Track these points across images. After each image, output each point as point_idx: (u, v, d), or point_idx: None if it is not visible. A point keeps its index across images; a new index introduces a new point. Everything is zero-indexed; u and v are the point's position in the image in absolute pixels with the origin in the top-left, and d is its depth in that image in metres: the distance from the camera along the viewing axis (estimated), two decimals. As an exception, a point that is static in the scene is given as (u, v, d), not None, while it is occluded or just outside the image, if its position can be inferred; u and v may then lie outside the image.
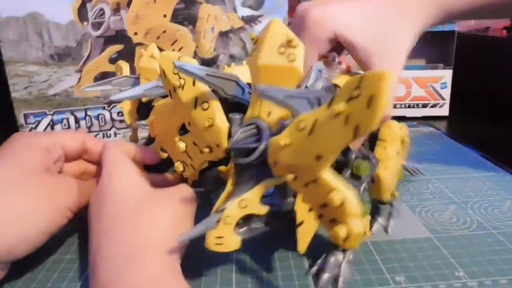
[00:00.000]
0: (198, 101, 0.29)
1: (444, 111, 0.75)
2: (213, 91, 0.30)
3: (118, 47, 0.60)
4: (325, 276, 0.29)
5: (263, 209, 0.27)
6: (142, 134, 0.66)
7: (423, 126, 0.70)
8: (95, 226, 0.29)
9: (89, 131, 0.63)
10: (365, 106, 0.18)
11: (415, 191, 0.46)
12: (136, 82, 0.45)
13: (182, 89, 0.30)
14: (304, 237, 0.26)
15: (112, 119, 0.63)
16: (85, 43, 0.59)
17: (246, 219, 0.27)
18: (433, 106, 0.75)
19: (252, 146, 0.26)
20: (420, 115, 0.75)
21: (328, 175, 0.23)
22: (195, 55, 0.64)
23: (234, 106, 0.30)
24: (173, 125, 0.35)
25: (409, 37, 0.35)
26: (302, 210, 0.26)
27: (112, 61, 0.61)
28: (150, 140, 0.44)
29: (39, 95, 0.59)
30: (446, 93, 0.74)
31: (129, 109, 0.45)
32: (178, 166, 0.34)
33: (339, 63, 0.36)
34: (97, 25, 0.58)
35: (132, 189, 0.30)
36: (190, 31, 0.63)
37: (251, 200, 0.26)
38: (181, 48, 0.63)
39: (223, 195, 0.28)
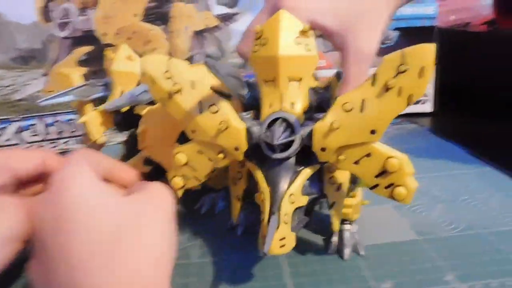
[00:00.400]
0: (203, 105, 0.27)
1: (427, 107, 0.74)
2: (217, 92, 0.28)
3: (87, 48, 0.57)
4: (347, 249, 0.34)
5: (305, 200, 0.28)
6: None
7: (407, 123, 0.68)
8: (54, 253, 0.22)
9: (60, 138, 0.59)
10: (417, 77, 0.23)
11: (400, 190, 0.44)
12: (106, 88, 0.41)
13: (181, 95, 0.27)
14: (337, 216, 0.30)
15: (84, 125, 0.60)
16: (51, 45, 0.56)
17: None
18: (416, 103, 0.73)
19: (291, 139, 0.26)
20: (403, 112, 0.74)
21: (380, 146, 0.26)
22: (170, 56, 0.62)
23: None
24: (170, 135, 0.32)
25: (382, 16, 0.33)
26: (332, 192, 0.29)
27: (82, 63, 0.58)
28: (129, 154, 0.40)
29: (3, 100, 0.56)
30: (429, 89, 0.73)
31: (101, 121, 0.39)
32: (177, 181, 0.30)
33: None
34: (63, 26, 0.55)
35: (101, 207, 0.23)
36: (163, 30, 0.60)
37: (297, 194, 0.27)
38: (154, 48, 0.60)
39: (260, 199, 0.27)
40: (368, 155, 0.26)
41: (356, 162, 0.26)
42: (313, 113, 0.28)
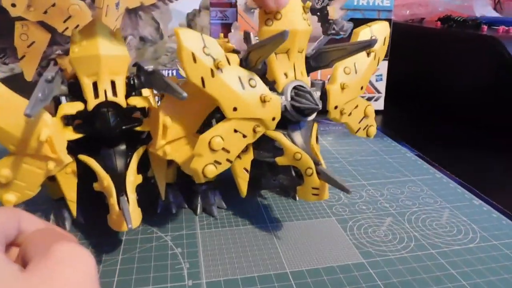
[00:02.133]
0: (243, 80, 0.27)
1: (380, 105, 0.70)
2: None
3: (-10, 21, 0.48)
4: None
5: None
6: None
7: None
8: None
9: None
10: (382, 44, 0.35)
11: (348, 201, 0.40)
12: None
13: (221, 71, 0.26)
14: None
15: None
16: None
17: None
18: (368, 99, 0.70)
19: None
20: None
21: (360, 98, 0.35)
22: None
23: None
24: (194, 123, 0.30)
25: None
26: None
27: (-17, 39, 0.48)
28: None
29: None
30: (382, 85, 0.70)
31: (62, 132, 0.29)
32: (211, 169, 0.28)
33: None
34: (-42, -8, 0.45)
35: None
36: (88, 6, 0.51)
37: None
38: (77, 26, 0.51)
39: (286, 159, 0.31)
40: (356, 106, 0.34)
41: (349, 114, 0.34)
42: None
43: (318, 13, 0.63)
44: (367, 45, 0.28)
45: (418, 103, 0.74)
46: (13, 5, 0.48)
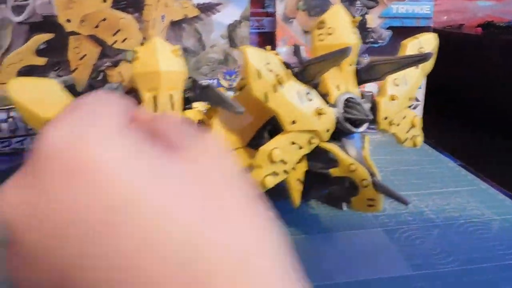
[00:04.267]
0: (301, 94, 0.28)
1: (418, 113, 0.70)
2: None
3: (47, 36, 0.50)
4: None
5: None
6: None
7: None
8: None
9: (14, 136, 0.53)
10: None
11: (392, 211, 0.40)
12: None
13: (282, 87, 0.27)
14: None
15: (44, 121, 0.54)
16: (4, 31, 0.49)
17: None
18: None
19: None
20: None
21: (407, 109, 0.36)
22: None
23: None
24: (246, 136, 0.31)
25: None
26: None
27: (40, 52, 0.51)
28: None
29: None
30: (420, 93, 0.69)
31: None
32: (270, 180, 0.29)
33: None
34: (18, 9, 0.48)
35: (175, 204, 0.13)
36: (136, 19, 0.54)
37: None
38: (125, 39, 0.54)
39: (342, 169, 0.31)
40: (404, 117, 0.35)
41: (398, 125, 0.34)
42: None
43: (356, 22, 0.63)
44: (422, 59, 0.28)
45: (458, 112, 0.73)
46: (68, 20, 0.50)
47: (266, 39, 0.80)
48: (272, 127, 0.35)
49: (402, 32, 0.65)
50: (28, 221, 0.13)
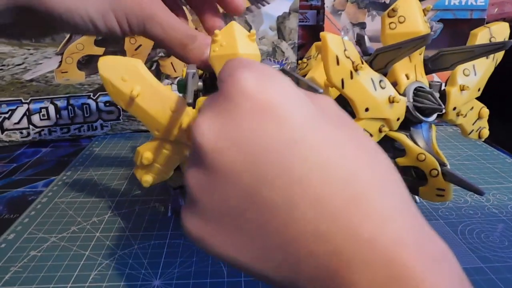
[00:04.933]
0: (375, 81, 0.28)
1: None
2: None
3: (106, 27, 0.52)
4: None
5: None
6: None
7: (446, 125, 0.63)
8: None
9: (72, 123, 0.55)
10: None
11: (452, 204, 0.39)
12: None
13: (358, 74, 0.27)
14: None
15: (99, 109, 0.56)
16: (67, 21, 0.51)
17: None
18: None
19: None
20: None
21: (475, 100, 0.34)
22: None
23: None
24: None
25: None
26: None
27: (99, 43, 0.53)
28: None
29: (12, 80, 0.51)
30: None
31: None
32: None
33: None
34: None
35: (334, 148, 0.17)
36: (189, 11, 0.55)
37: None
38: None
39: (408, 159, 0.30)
40: (472, 108, 0.34)
41: (465, 116, 0.33)
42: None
43: (407, 14, 0.62)
44: (501, 47, 0.28)
45: (510, 106, 0.71)
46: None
47: (310, 32, 0.80)
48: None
49: (454, 24, 0.64)
50: (223, 146, 0.16)
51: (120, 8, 0.26)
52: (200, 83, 0.31)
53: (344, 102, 0.29)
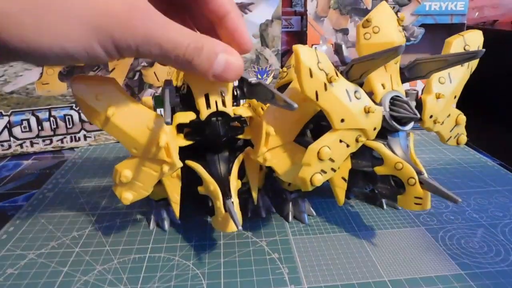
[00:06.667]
0: (350, 92, 0.28)
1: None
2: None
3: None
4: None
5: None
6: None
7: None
8: None
9: (54, 135, 0.54)
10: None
11: (433, 210, 0.40)
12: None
13: (332, 86, 0.27)
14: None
15: (82, 120, 0.55)
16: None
17: None
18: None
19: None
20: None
21: (452, 107, 0.35)
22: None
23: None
24: (293, 132, 0.32)
25: None
26: None
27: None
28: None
29: (-8, 93, 0.51)
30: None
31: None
32: (319, 178, 0.29)
33: None
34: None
35: None
36: (171, 20, 0.54)
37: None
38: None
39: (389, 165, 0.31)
40: (448, 115, 0.34)
41: (442, 123, 0.34)
42: None
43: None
44: (472, 57, 0.28)
45: (491, 110, 0.72)
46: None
47: (295, 38, 0.80)
48: (314, 125, 0.35)
49: (435, 29, 0.65)
50: None
51: (106, 34, 0.22)
52: (177, 99, 0.31)
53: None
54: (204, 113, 0.29)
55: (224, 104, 0.29)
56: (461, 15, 0.64)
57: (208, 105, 0.29)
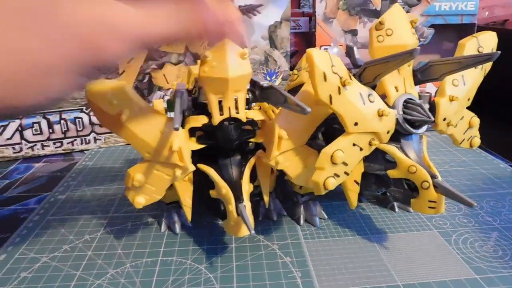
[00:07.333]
0: (363, 96, 0.28)
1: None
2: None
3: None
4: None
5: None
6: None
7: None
8: None
9: (65, 137, 0.55)
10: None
11: (446, 213, 0.39)
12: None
13: (346, 89, 0.27)
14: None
15: (92, 123, 0.55)
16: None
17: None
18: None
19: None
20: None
21: (465, 109, 0.35)
22: (187, 50, 0.56)
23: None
24: (305, 135, 0.32)
25: None
26: None
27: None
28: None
29: (4, 96, 0.51)
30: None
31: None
32: (332, 182, 0.28)
33: None
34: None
35: None
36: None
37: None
38: (170, 42, 0.55)
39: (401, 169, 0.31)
40: (462, 118, 0.34)
41: (455, 125, 0.34)
42: None
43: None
44: (487, 59, 0.28)
45: (502, 111, 0.71)
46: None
47: (303, 39, 0.80)
48: (325, 128, 0.35)
49: (444, 30, 0.64)
50: None
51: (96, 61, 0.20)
52: (189, 102, 0.31)
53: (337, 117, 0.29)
54: (217, 119, 0.29)
55: (237, 109, 0.29)
56: (471, 15, 0.64)
57: (221, 111, 0.29)
